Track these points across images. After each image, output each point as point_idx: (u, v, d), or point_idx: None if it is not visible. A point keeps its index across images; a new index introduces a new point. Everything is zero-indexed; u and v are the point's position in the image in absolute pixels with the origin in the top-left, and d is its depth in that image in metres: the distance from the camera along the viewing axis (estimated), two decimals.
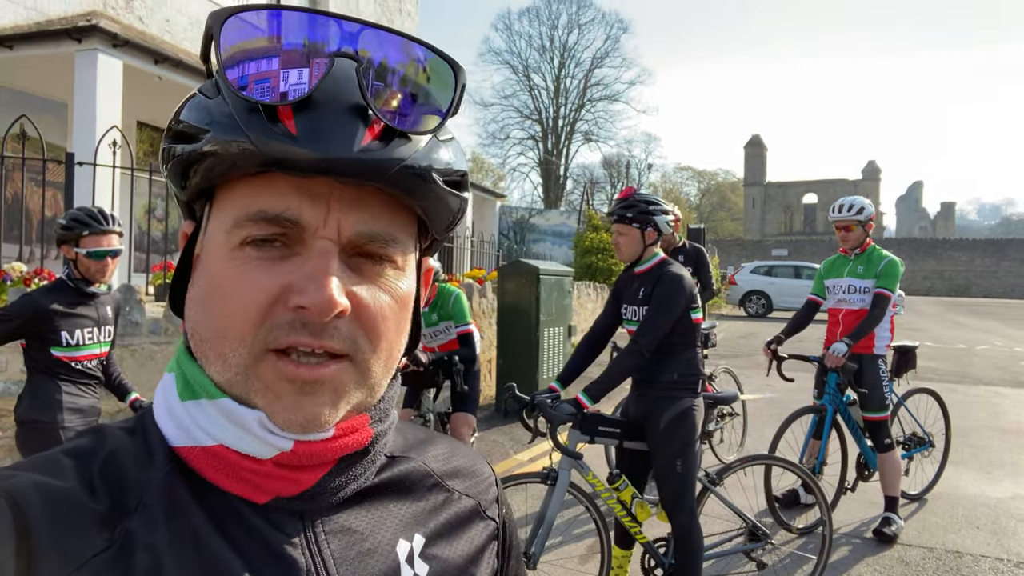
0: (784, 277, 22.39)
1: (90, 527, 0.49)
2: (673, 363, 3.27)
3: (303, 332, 0.51)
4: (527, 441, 6.35)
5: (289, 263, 0.52)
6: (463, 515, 0.67)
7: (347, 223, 0.52)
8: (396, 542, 0.59)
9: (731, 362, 9.71)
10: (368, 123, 0.51)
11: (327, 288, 0.50)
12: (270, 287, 0.51)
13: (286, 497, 0.55)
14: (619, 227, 3.33)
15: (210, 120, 0.51)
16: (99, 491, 0.51)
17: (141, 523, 0.50)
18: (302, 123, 0.49)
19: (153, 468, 0.53)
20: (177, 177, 0.54)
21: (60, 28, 7.59)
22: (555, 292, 7.96)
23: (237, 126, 0.49)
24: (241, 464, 0.53)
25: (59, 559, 0.47)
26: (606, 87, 51.15)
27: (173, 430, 0.55)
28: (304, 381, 0.52)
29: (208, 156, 0.51)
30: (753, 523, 3.58)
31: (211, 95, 0.52)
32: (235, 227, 0.52)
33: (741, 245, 54.32)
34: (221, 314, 0.52)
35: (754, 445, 6.14)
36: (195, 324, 0.55)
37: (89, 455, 0.53)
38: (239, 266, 0.52)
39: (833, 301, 4.73)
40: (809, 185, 76.74)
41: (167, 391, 0.57)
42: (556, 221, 20.58)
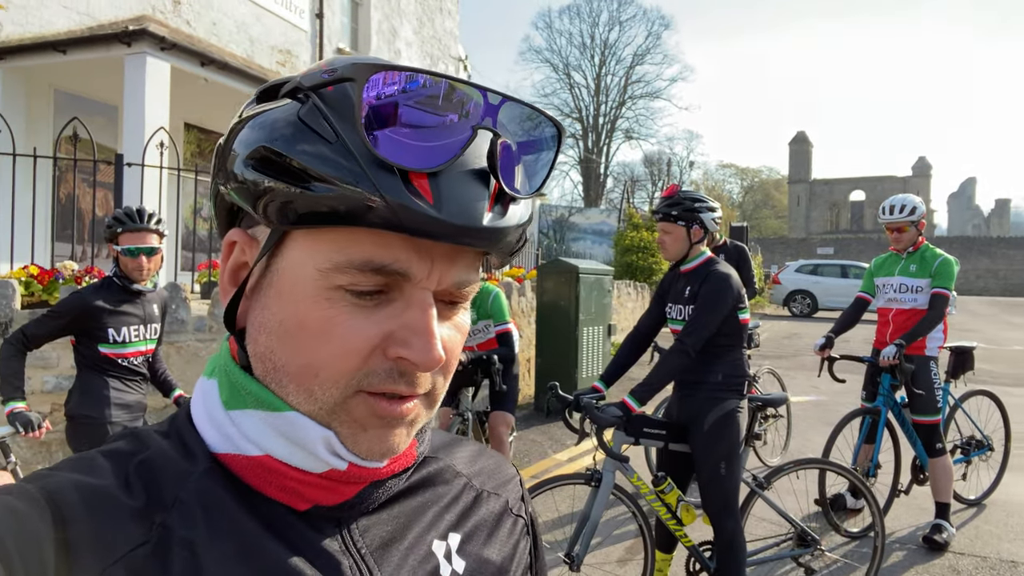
0: (830, 276, 21.87)
1: (127, 522, 0.49)
2: (718, 364, 3.20)
3: (400, 382, 0.52)
4: (568, 441, 6.34)
5: (387, 309, 0.52)
6: (494, 513, 0.68)
7: (447, 276, 0.53)
8: (432, 541, 0.61)
9: (775, 363, 9.52)
10: (490, 191, 0.51)
11: (435, 347, 0.51)
12: (372, 336, 0.51)
13: (325, 505, 0.56)
14: (664, 225, 3.28)
15: (335, 167, 0.48)
16: (135, 488, 0.52)
17: (179, 518, 0.51)
18: (436, 189, 0.49)
19: (192, 466, 0.54)
20: (262, 204, 0.51)
21: (110, 32, 7.80)
22: (595, 291, 7.89)
23: (369, 184, 0.48)
24: (287, 474, 0.54)
25: (97, 553, 0.48)
26: (647, 84, 50.76)
27: (215, 436, 0.56)
28: (392, 417, 0.53)
29: (324, 203, 0.49)
30: (802, 528, 3.49)
31: (327, 137, 0.49)
32: (335, 270, 0.51)
33: (785, 243, 53.36)
34: (312, 354, 0.52)
35: (799, 448, 6.00)
36: (269, 352, 0.54)
37: (125, 455, 0.54)
38: (335, 308, 0.51)
39: (883, 300, 4.59)
40: (856, 182, 74.89)
41: (208, 397, 0.57)
42: (596, 219, 20.44)
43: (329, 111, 0.50)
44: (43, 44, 7.80)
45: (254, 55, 11.51)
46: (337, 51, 13.59)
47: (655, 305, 3.50)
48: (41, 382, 4.54)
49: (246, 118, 0.54)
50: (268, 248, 0.54)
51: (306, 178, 0.49)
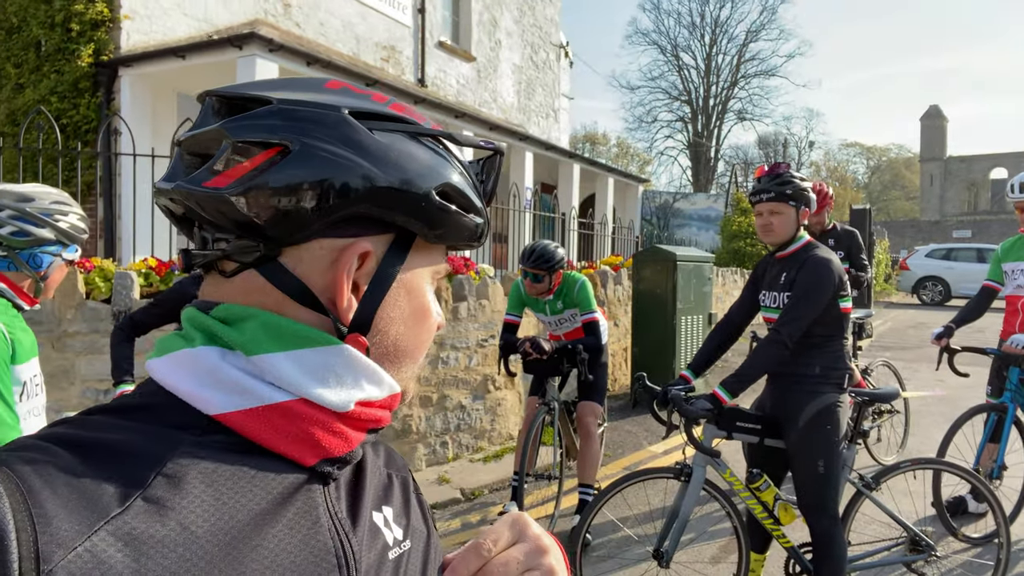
0: (965, 261, 20.22)
1: (103, 496, 0.48)
2: (816, 355, 2.99)
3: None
4: (662, 434, 6.16)
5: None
6: (405, 488, 0.75)
7: None
8: (377, 509, 0.67)
9: (897, 355, 8.91)
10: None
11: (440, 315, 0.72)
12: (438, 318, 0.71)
13: (328, 459, 0.60)
14: (775, 206, 3.02)
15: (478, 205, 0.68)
16: (112, 461, 0.51)
17: (162, 486, 0.50)
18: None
19: (175, 437, 0.54)
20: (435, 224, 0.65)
21: (224, 37, 8.23)
22: (693, 279, 7.63)
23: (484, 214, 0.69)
24: (312, 418, 0.58)
25: (69, 531, 0.46)
26: (762, 62, 48.35)
27: (219, 397, 0.56)
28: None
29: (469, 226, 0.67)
30: (915, 532, 3.22)
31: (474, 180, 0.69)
32: (437, 274, 0.69)
33: (916, 227, 49.87)
34: (429, 334, 0.69)
35: (917, 446, 5.57)
36: (398, 338, 0.65)
37: (102, 425, 0.54)
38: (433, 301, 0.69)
39: (1012, 287, 4.17)
40: (997, 159, 68.70)
41: (210, 361, 0.57)
42: (703, 205, 19.77)
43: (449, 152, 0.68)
44: (164, 51, 8.33)
45: (360, 53, 11.86)
46: (439, 44, 13.79)
47: (748, 292, 3.31)
48: None
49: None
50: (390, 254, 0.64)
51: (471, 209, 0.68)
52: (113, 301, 4.55)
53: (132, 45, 8.58)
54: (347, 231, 0.61)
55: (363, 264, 0.62)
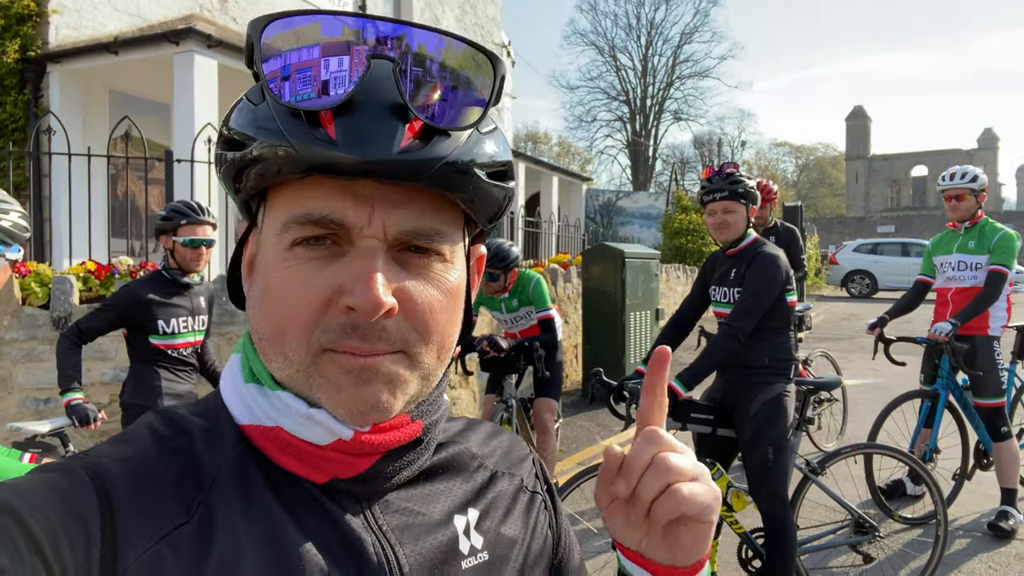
0: (890, 255, 21.15)
1: (170, 501, 0.51)
2: (765, 347, 3.11)
3: (353, 336, 0.52)
4: (615, 427, 6.29)
5: (339, 263, 0.53)
6: (509, 491, 0.69)
7: (392, 222, 0.53)
8: (452, 517, 0.62)
9: (832, 345, 9.27)
10: (407, 122, 0.51)
11: (373, 289, 0.51)
12: (322, 288, 0.53)
13: (343, 479, 0.57)
14: (727, 204, 3.10)
15: (256, 127, 0.52)
16: (176, 466, 0.53)
17: (217, 499, 0.52)
18: (342, 127, 0.50)
19: (224, 447, 0.56)
20: (230, 181, 0.56)
21: (159, 32, 7.98)
22: (641, 275, 7.79)
23: (280, 132, 0.51)
24: (300, 446, 0.56)
25: (141, 531, 0.49)
26: (696, 63, 49.50)
27: (239, 408, 0.57)
28: (360, 369, 0.53)
29: (256, 162, 0.52)
30: (859, 515, 3.38)
31: (256, 101, 0.53)
32: (284, 229, 0.54)
33: (843, 223, 51.75)
34: (278, 314, 0.54)
35: (856, 432, 5.82)
36: (256, 323, 0.57)
37: (163, 433, 0.56)
38: (291, 267, 0.53)
39: (942, 280, 4.39)
40: (918, 157, 72.00)
41: (234, 371, 0.60)
42: (644, 203, 20.17)
43: (260, 76, 0.53)
44: (96, 46, 8.03)
45: None
46: None
47: (698, 288, 3.41)
48: (100, 374, 4.70)
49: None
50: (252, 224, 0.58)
51: (243, 143, 0.53)
52: (52, 307, 4.38)
53: (61, 40, 8.23)
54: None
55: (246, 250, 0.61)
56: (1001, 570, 3.70)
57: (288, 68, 0.51)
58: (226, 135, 0.55)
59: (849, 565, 3.59)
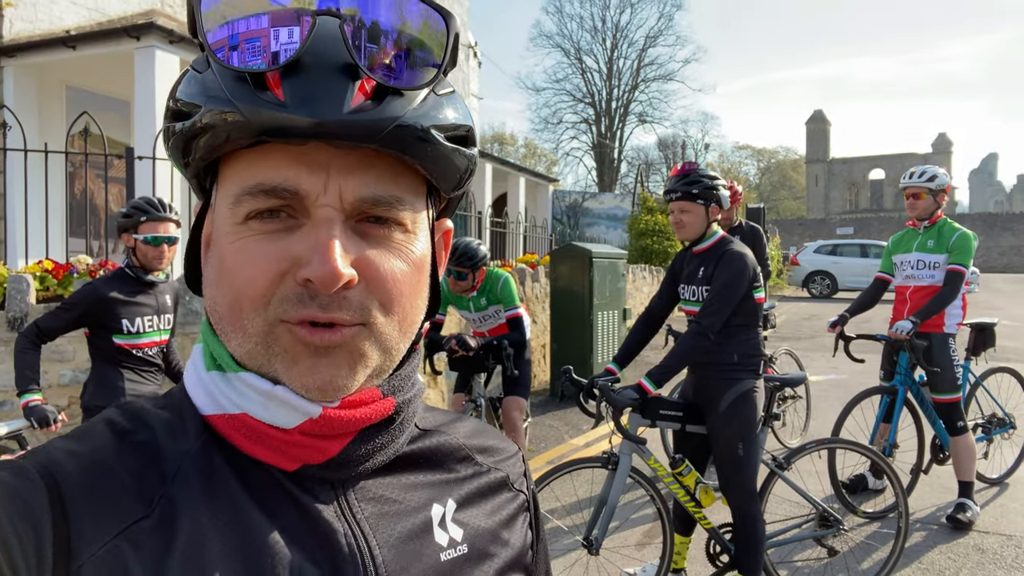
0: (850, 256, 21.62)
1: (128, 495, 0.49)
2: (733, 344, 3.15)
3: (312, 305, 0.51)
4: (584, 426, 6.32)
5: (295, 235, 0.51)
6: (493, 485, 0.67)
7: (348, 189, 0.51)
8: (429, 507, 0.60)
9: (794, 344, 9.44)
10: (358, 81, 0.49)
11: (331, 260, 0.49)
12: (279, 259, 0.51)
13: (314, 465, 0.55)
14: (683, 204, 3.17)
15: (202, 94, 0.50)
16: (136, 460, 0.51)
17: (180, 491, 0.51)
18: (290, 88, 0.48)
19: (188, 438, 0.54)
20: (179, 155, 0.53)
21: (119, 27, 7.81)
22: (609, 275, 7.84)
23: (226, 98, 0.48)
24: (266, 432, 0.54)
25: (97, 527, 0.47)
26: (660, 66, 50.00)
27: (203, 398, 0.56)
28: (319, 345, 0.51)
29: (203, 131, 0.50)
30: (823, 508, 3.44)
31: (201, 69, 0.51)
32: (237, 202, 0.52)
33: (804, 224, 52.78)
34: (233, 288, 0.52)
35: (818, 429, 5.93)
36: (212, 301, 0.55)
37: (123, 426, 0.54)
38: (245, 240, 0.52)
39: (901, 278, 4.50)
40: (876, 160, 73.81)
41: (196, 361, 0.58)
42: (610, 204, 20.31)
43: (202, 42, 0.50)
44: (53, 40, 7.83)
45: None
46: None
47: (667, 286, 3.45)
48: (57, 375, 4.58)
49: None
50: (205, 201, 0.57)
51: (189, 113, 0.51)
52: (7, 307, 4.26)
53: (15, 34, 8.01)
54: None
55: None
56: (960, 560, 3.81)
57: (236, 38, 0.49)
58: (172, 107, 0.52)
59: (814, 559, 3.65)
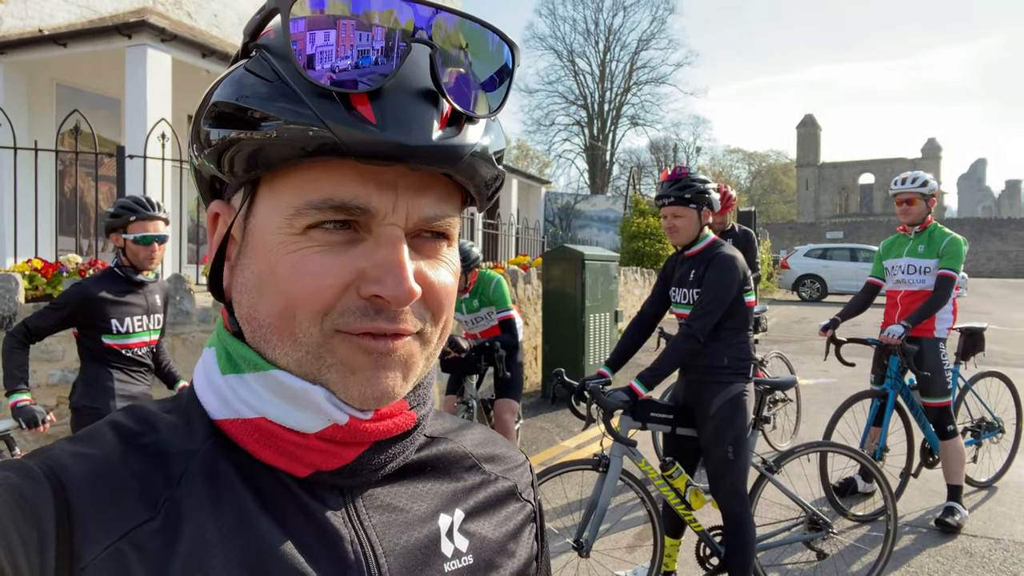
0: (840, 260, 21.72)
1: (133, 498, 0.49)
2: (724, 348, 3.16)
3: (379, 319, 0.52)
4: (575, 428, 6.33)
5: (358, 249, 0.52)
6: (500, 495, 0.67)
7: (415, 209, 0.52)
8: (437, 516, 0.60)
9: (784, 347, 9.47)
10: (439, 109, 0.50)
11: (406, 280, 0.50)
12: (342, 273, 0.51)
13: (326, 471, 0.55)
14: (676, 209, 3.18)
15: (277, 105, 0.49)
16: (141, 462, 0.51)
17: (185, 494, 0.51)
18: (379, 110, 0.48)
19: (195, 441, 0.54)
20: (225, 161, 0.52)
21: (111, 25, 7.77)
22: (601, 277, 7.85)
23: (311, 113, 0.48)
24: (283, 436, 0.54)
25: (101, 530, 0.47)
26: (652, 70, 50.17)
27: (215, 403, 0.56)
28: (381, 353, 0.52)
29: (273, 142, 0.49)
30: (813, 512, 3.46)
31: (268, 77, 0.50)
32: (297, 214, 0.51)
33: (794, 228, 53.06)
34: (288, 296, 0.51)
35: (808, 432, 5.96)
36: (251, 309, 0.54)
37: (130, 428, 0.54)
38: (304, 251, 0.51)
39: (892, 282, 4.53)
40: (865, 165, 74.25)
41: (208, 365, 0.58)
42: (602, 206, 20.35)
43: (270, 54, 0.50)
44: (44, 38, 7.77)
45: None
46: None
47: (658, 290, 3.46)
48: (46, 375, 4.54)
49: (211, 87, 0.54)
50: (241, 207, 0.54)
51: (256, 122, 0.49)
52: None
53: (6, 31, 7.95)
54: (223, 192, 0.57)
55: (214, 231, 0.58)
56: (948, 564, 3.83)
57: (319, 47, 0.48)
58: (223, 111, 0.51)
59: (803, 562, 3.67)
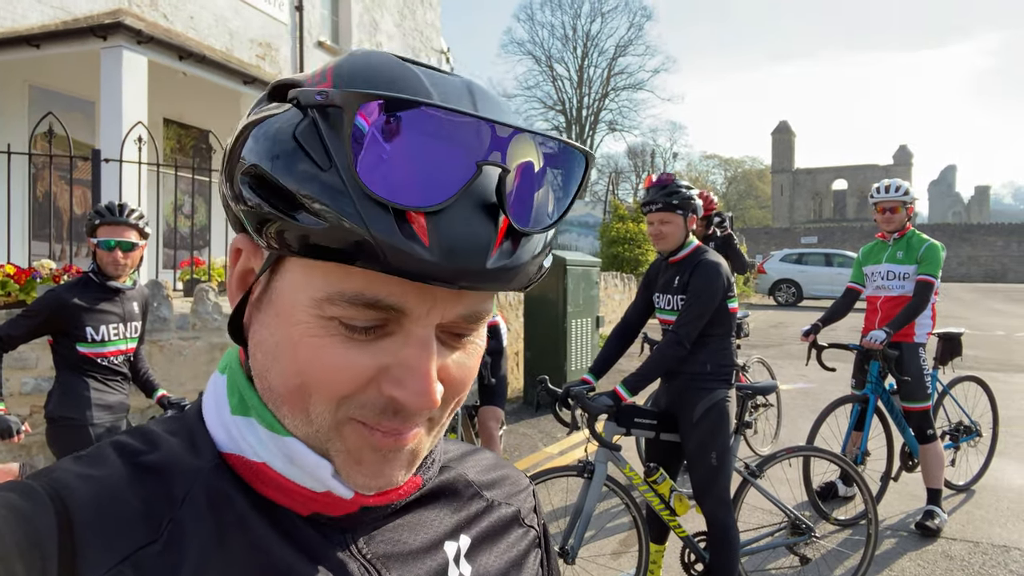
0: (815, 265, 21.98)
1: (136, 519, 0.49)
2: (706, 353, 3.17)
3: (395, 419, 0.50)
4: (558, 434, 6.31)
5: (384, 342, 0.49)
6: (503, 522, 0.67)
7: (450, 312, 0.50)
8: (442, 545, 0.60)
9: (763, 352, 9.54)
10: (498, 228, 0.47)
11: (429, 392, 0.49)
12: (366, 367, 0.49)
13: (328, 515, 0.55)
14: (663, 215, 3.17)
15: (322, 198, 0.45)
16: (145, 485, 0.51)
17: (188, 515, 0.50)
18: (433, 230, 0.45)
19: (199, 464, 0.53)
20: (254, 225, 0.49)
21: (85, 26, 7.64)
22: (582, 283, 7.85)
23: (360, 219, 0.44)
24: (287, 485, 0.53)
25: (104, 551, 0.47)
26: (630, 76, 50.66)
27: (222, 435, 0.55)
28: (389, 450, 0.51)
29: (311, 233, 0.45)
30: (796, 516, 3.47)
31: (319, 160, 0.45)
32: (327, 300, 0.48)
33: (769, 233, 53.62)
34: (305, 376, 0.49)
35: (789, 436, 6.00)
36: (265, 371, 0.52)
37: (133, 451, 0.53)
38: (328, 338, 0.49)
39: (872, 288, 4.58)
40: (839, 171, 75.38)
41: (218, 396, 0.56)
42: (581, 212, 20.40)
43: (326, 133, 0.46)
44: (16, 39, 7.62)
45: (233, 49, 11.35)
46: (318, 44, 13.43)
47: (642, 295, 3.46)
48: (19, 384, 4.44)
49: (252, 121, 0.50)
50: (267, 266, 0.51)
51: (297, 206, 0.46)
52: None
53: None
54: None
55: (236, 262, 0.55)
56: (929, 567, 3.87)
57: (380, 154, 0.44)
58: (267, 176, 0.47)
59: (787, 567, 3.69)
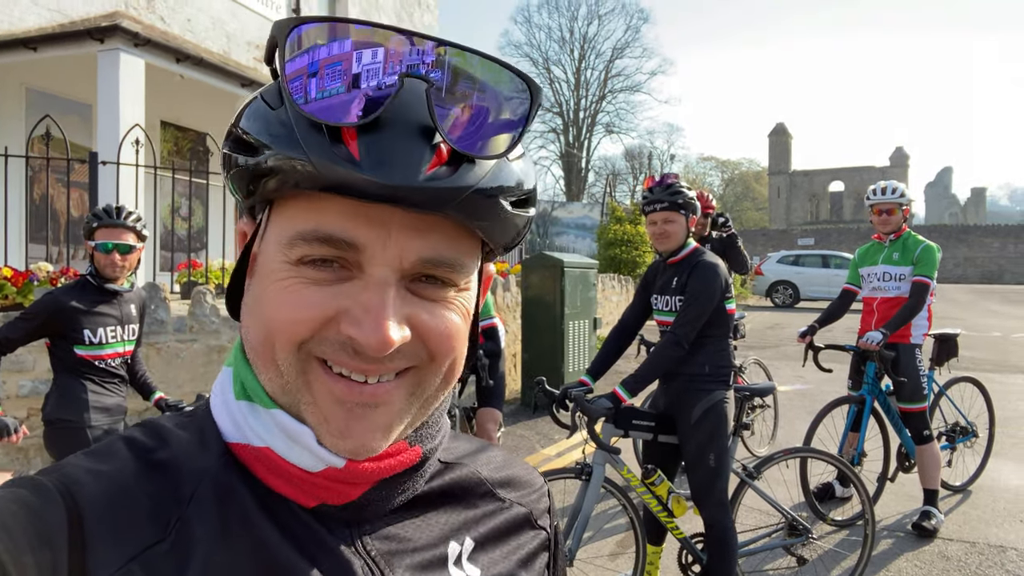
0: (812, 266, 22.03)
1: (145, 517, 0.49)
2: (704, 355, 3.18)
3: (355, 358, 0.50)
4: (555, 436, 6.31)
5: (347, 286, 0.50)
6: (514, 522, 0.66)
7: (409, 250, 0.50)
8: (445, 543, 0.59)
9: (759, 353, 9.55)
10: (435, 147, 0.48)
11: (383, 328, 0.48)
12: (325, 309, 0.50)
13: (333, 505, 0.54)
14: (667, 215, 3.17)
15: (270, 133, 0.48)
16: (154, 481, 0.51)
17: (196, 513, 0.50)
18: (366, 146, 0.46)
19: (207, 459, 0.54)
20: (240, 184, 0.52)
21: (82, 29, 7.63)
22: (580, 285, 7.86)
23: (297, 144, 0.47)
24: (290, 470, 0.53)
25: (113, 548, 0.47)
26: (627, 78, 50.73)
27: (228, 425, 0.55)
28: (355, 404, 0.51)
29: (270, 173, 0.49)
30: (793, 517, 3.48)
31: (274, 105, 0.49)
32: (290, 244, 0.50)
33: (766, 235, 53.65)
34: (269, 324, 0.51)
35: (786, 437, 6.01)
36: (247, 330, 0.54)
37: (144, 446, 0.53)
38: (293, 282, 0.50)
39: (868, 289, 4.59)
40: (835, 173, 75.47)
41: (224, 386, 0.57)
42: (579, 213, 20.46)
43: (280, 81, 0.49)
44: (12, 41, 7.61)
45: (231, 51, 11.34)
46: None
47: (639, 297, 3.46)
48: (16, 386, 4.43)
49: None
50: (257, 228, 0.54)
51: (256, 149, 0.49)
52: None
53: None
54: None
55: (242, 248, 0.57)
56: (925, 568, 3.88)
57: (316, 64, 0.47)
58: (237, 135, 0.51)
59: (784, 568, 3.69)
